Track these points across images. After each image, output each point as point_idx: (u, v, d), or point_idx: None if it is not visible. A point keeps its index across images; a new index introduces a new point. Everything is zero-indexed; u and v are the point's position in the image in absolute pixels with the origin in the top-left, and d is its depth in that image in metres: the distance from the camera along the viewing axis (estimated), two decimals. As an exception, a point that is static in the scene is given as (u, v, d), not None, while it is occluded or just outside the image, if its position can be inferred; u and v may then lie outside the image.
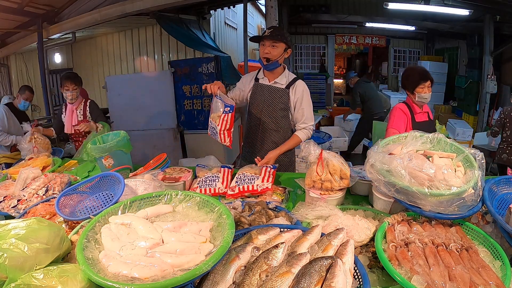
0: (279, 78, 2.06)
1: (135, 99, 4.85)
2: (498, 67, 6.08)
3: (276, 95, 2.06)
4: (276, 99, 2.06)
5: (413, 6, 5.70)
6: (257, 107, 2.12)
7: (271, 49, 1.92)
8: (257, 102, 2.11)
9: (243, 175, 1.72)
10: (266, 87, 2.08)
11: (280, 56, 1.96)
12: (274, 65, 1.98)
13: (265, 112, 2.10)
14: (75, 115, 2.77)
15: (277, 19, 3.67)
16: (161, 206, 1.11)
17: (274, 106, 2.07)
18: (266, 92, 2.08)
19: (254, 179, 1.67)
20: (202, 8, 5.76)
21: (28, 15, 4.52)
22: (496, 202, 1.23)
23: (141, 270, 0.80)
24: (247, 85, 2.16)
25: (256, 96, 2.11)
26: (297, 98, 2.05)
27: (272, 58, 1.94)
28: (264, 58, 1.95)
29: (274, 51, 1.93)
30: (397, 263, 0.94)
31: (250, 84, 2.15)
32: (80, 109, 2.77)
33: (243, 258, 0.89)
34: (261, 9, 9.81)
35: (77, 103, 2.76)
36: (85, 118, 2.76)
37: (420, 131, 1.43)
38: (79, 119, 2.76)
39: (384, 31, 8.51)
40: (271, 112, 2.09)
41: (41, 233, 0.88)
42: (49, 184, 1.69)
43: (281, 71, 2.07)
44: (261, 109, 2.10)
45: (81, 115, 2.77)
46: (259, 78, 2.12)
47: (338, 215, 1.24)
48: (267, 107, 2.08)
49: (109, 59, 6.65)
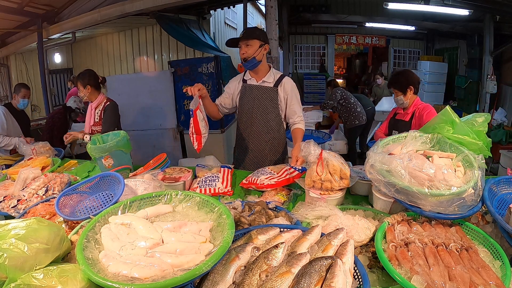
0: (266, 77, 2.09)
1: (135, 99, 4.84)
2: (498, 67, 6.08)
3: (265, 94, 2.09)
4: (265, 98, 2.09)
5: (413, 6, 5.70)
6: (247, 107, 2.13)
7: (246, 48, 1.99)
8: (246, 103, 2.13)
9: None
10: (254, 87, 2.11)
11: (256, 52, 1.99)
12: (252, 62, 2.01)
13: (255, 112, 2.11)
14: (93, 115, 2.65)
15: (277, 19, 3.66)
16: (161, 206, 1.11)
17: (264, 105, 2.10)
18: (255, 92, 2.10)
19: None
20: (202, 8, 5.76)
21: (28, 15, 4.52)
22: (496, 202, 1.23)
23: (141, 270, 0.80)
24: (235, 88, 2.18)
25: (246, 97, 2.13)
26: (287, 95, 2.10)
27: (248, 56, 1.99)
28: (242, 58, 2.01)
29: (249, 50, 1.98)
30: (397, 263, 0.94)
31: (238, 86, 2.16)
32: (99, 110, 2.63)
33: (243, 258, 0.89)
34: (261, 9, 9.80)
35: (96, 102, 2.62)
36: (100, 121, 2.62)
37: (420, 131, 1.43)
38: (96, 120, 2.63)
39: (384, 31, 8.51)
40: (262, 111, 2.11)
41: (41, 233, 0.88)
42: (49, 184, 1.69)
43: (266, 70, 2.11)
44: (251, 109, 2.12)
45: (98, 117, 2.64)
46: (246, 80, 2.15)
47: (338, 215, 1.24)
48: (257, 106, 2.11)
49: (109, 59, 6.66)
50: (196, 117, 1.78)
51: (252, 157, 2.19)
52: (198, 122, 1.79)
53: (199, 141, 1.81)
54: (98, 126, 2.61)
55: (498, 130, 5.39)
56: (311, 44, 9.24)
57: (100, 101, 2.63)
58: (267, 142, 2.16)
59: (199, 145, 1.81)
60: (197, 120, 1.78)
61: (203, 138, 1.82)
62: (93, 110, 2.64)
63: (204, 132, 1.82)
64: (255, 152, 2.18)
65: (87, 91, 2.59)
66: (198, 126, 1.79)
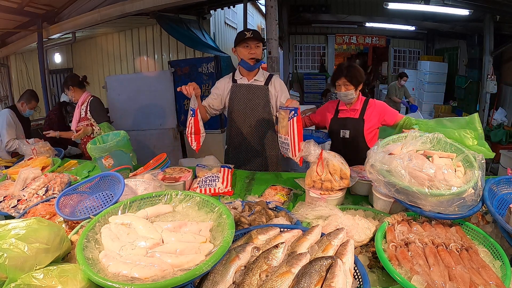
0: (257, 76, 2.14)
1: (135, 99, 4.85)
2: (498, 67, 6.08)
3: (257, 92, 2.12)
4: (257, 96, 2.12)
5: (413, 6, 5.70)
6: (238, 107, 2.14)
7: (256, 49, 2.04)
8: (238, 102, 2.14)
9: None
10: (246, 86, 2.13)
11: (261, 55, 2.09)
12: (259, 64, 2.10)
13: (248, 111, 2.13)
14: (78, 112, 2.80)
15: (277, 19, 3.66)
16: (161, 206, 1.11)
17: (256, 104, 2.12)
18: (246, 91, 2.13)
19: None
20: (202, 8, 5.76)
21: (28, 15, 4.51)
22: (496, 202, 1.23)
23: (141, 270, 0.80)
24: (224, 88, 2.18)
25: (237, 96, 2.14)
26: (278, 91, 2.14)
27: (258, 57, 2.05)
28: (252, 59, 2.04)
29: (258, 51, 2.05)
30: (397, 263, 0.94)
31: (228, 86, 2.17)
32: (84, 106, 2.78)
33: (243, 258, 0.89)
34: (261, 9, 9.81)
35: (81, 100, 2.77)
36: (85, 115, 2.76)
37: (420, 131, 1.43)
38: (81, 115, 2.78)
39: (384, 31, 8.51)
40: (254, 109, 2.13)
41: (41, 233, 0.88)
42: (49, 184, 1.69)
43: (257, 70, 2.15)
44: (244, 108, 2.13)
45: (83, 112, 2.78)
46: (236, 79, 2.16)
47: (338, 215, 1.24)
48: (250, 105, 2.12)
49: (109, 59, 6.65)
50: (198, 116, 1.77)
51: (246, 155, 2.21)
52: (198, 121, 1.78)
53: (198, 140, 1.81)
54: (84, 121, 2.74)
55: (498, 130, 5.39)
56: (311, 44, 9.24)
57: (85, 99, 2.80)
58: (261, 140, 2.19)
59: (198, 144, 1.81)
60: (197, 119, 1.78)
61: (201, 138, 1.82)
62: (79, 108, 2.79)
63: (203, 132, 1.82)
64: (250, 152, 2.20)
65: (71, 92, 2.79)
66: (199, 125, 1.78)
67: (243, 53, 2.04)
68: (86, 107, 2.77)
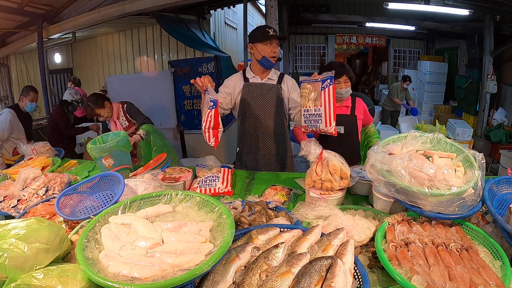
0: (270, 75, 2.10)
1: (135, 99, 4.82)
2: (498, 67, 6.08)
3: (271, 91, 2.08)
4: (271, 95, 2.08)
5: (413, 6, 5.70)
6: (251, 106, 2.08)
7: (277, 48, 2.02)
8: (251, 101, 2.08)
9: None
10: (259, 85, 2.08)
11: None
12: (278, 61, 2.08)
13: (261, 110, 2.08)
14: (119, 125, 2.79)
15: (277, 19, 3.67)
16: (161, 206, 1.11)
17: (271, 103, 2.08)
18: (261, 90, 2.08)
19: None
20: (202, 8, 5.76)
21: (28, 15, 4.52)
22: (496, 202, 1.23)
23: (141, 270, 0.80)
24: (235, 87, 2.10)
25: (250, 95, 2.08)
26: (290, 88, 2.10)
27: (278, 56, 2.04)
28: (274, 57, 2.01)
29: (277, 50, 2.03)
30: (397, 263, 0.94)
31: (240, 85, 2.09)
32: (122, 117, 2.78)
33: (243, 258, 0.89)
34: (261, 9, 9.81)
35: (115, 114, 2.76)
36: (130, 123, 2.77)
37: (420, 131, 1.43)
38: (124, 126, 2.78)
39: (384, 31, 8.52)
40: (269, 109, 2.08)
41: (41, 233, 0.88)
42: (49, 184, 1.69)
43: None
44: (257, 107, 2.08)
45: (125, 123, 2.78)
46: (248, 78, 2.10)
47: (338, 215, 1.24)
48: (264, 105, 2.08)
49: (109, 59, 6.66)
50: (218, 108, 1.62)
51: (263, 158, 2.15)
52: (219, 114, 1.65)
53: (216, 136, 1.66)
54: (130, 128, 2.75)
55: (498, 130, 5.40)
56: (311, 44, 9.25)
57: (117, 110, 2.78)
58: (277, 141, 2.13)
59: (216, 140, 1.66)
60: (218, 112, 1.62)
61: (219, 133, 1.69)
62: (117, 122, 2.77)
63: (221, 126, 1.69)
64: (265, 154, 2.13)
65: (108, 108, 2.70)
66: (218, 118, 1.65)
67: (265, 50, 1.97)
68: (125, 115, 2.78)
